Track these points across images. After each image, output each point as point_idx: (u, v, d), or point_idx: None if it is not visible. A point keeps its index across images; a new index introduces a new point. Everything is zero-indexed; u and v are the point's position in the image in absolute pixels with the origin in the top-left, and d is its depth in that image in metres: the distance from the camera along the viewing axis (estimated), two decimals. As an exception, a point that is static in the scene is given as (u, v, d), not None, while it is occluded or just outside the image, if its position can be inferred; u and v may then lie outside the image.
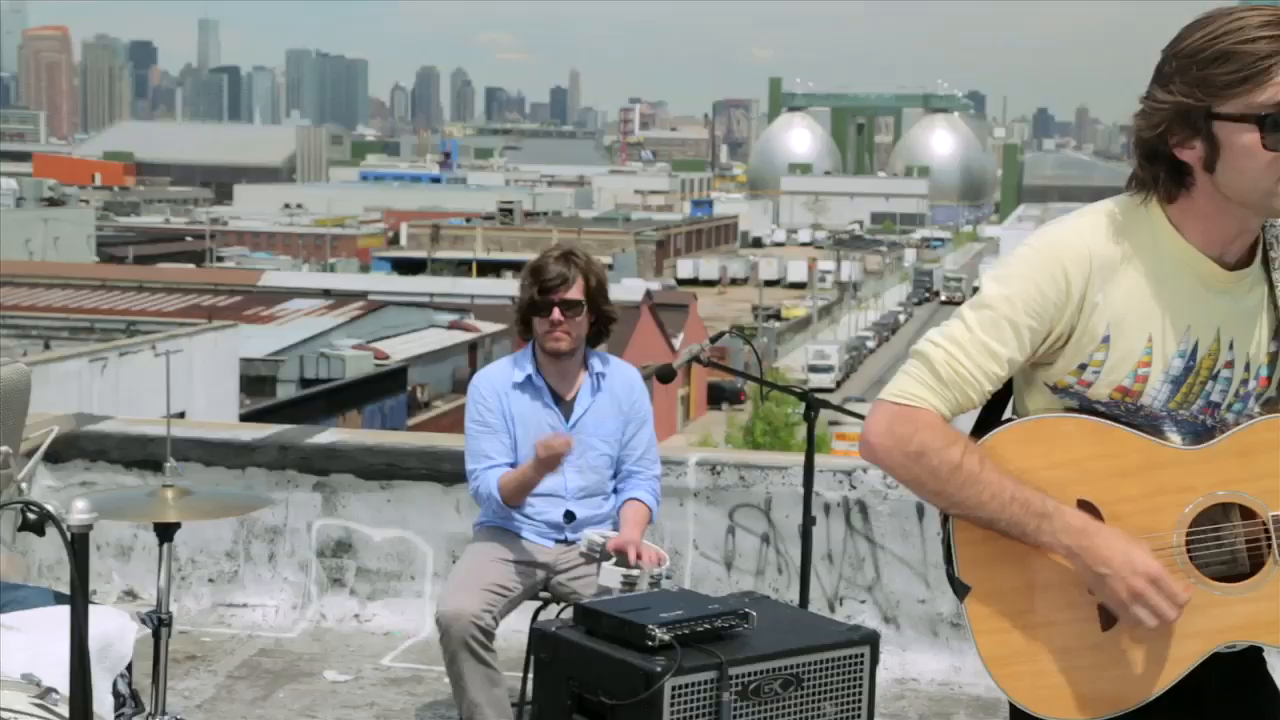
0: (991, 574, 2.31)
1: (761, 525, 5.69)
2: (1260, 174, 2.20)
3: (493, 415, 4.58)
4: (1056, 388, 2.35)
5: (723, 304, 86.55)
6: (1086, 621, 2.30)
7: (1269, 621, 2.30)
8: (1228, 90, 2.18)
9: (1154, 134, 2.26)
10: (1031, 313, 2.28)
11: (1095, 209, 2.36)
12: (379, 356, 40.51)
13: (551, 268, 4.55)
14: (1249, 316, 2.36)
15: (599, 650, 3.66)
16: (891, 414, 2.30)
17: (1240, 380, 2.37)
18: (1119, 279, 2.29)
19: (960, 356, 2.28)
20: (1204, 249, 2.31)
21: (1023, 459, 2.29)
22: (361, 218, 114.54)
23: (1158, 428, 2.34)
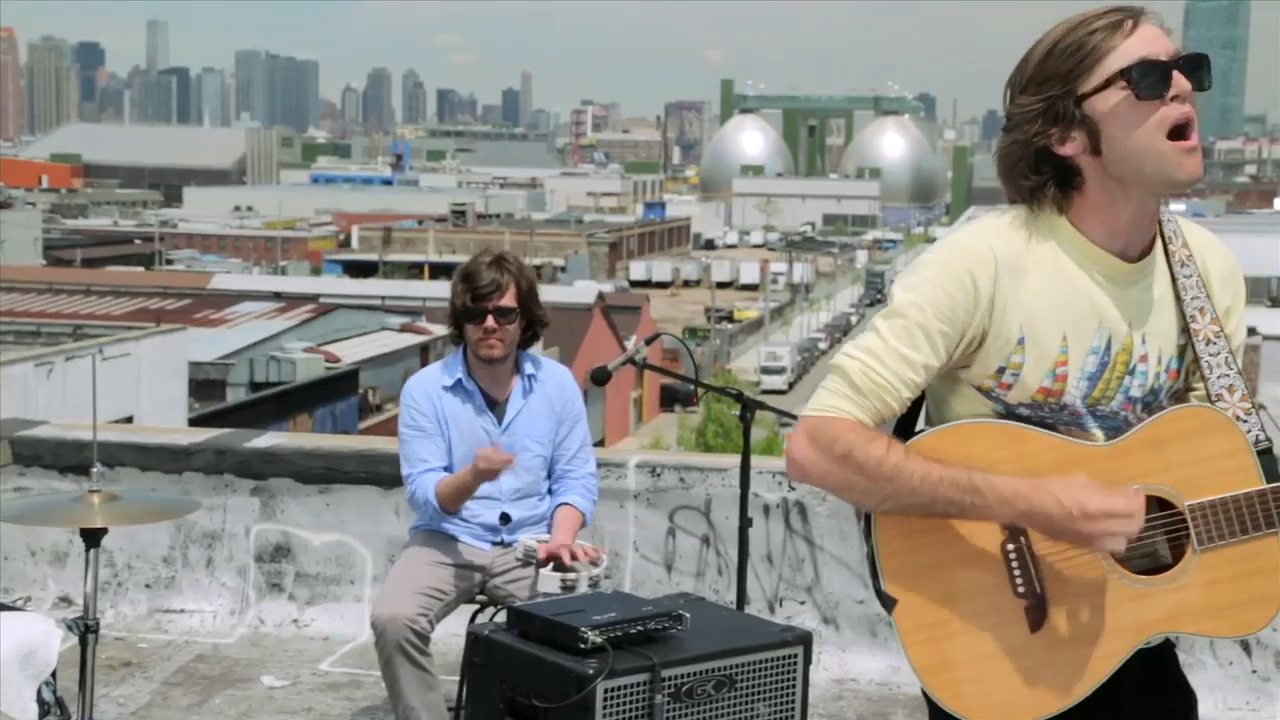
0: (916, 585, 2.33)
1: (701, 527, 5.69)
2: (1143, 133, 2.23)
3: (426, 420, 4.57)
4: (980, 390, 2.37)
5: (675, 306, 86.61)
6: (1014, 625, 2.31)
7: (1193, 611, 2.32)
8: (1085, 71, 2.25)
9: (1029, 138, 2.28)
10: (942, 318, 2.30)
11: (998, 214, 2.39)
12: (330, 359, 40.30)
13: (484, 274, 4.54)
14: (1155, 308, 2.38)
15: (531, 653, 3.65)
16: (812, 426, 2.32)
17: (1154, 374, 2.39)
18: (1026, 280, 2.31)
19: (876, 366, 2.30)
20: (1106, 244, 2.33)
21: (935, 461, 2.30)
22: (312, 220, 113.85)
23: (1081, 425, 2.36)
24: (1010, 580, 2.31)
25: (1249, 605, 2.33)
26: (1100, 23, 2.25)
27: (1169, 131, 2.24)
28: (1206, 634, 2.39)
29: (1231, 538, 2.30)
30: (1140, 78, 2.22)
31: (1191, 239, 2.43)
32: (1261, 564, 2.32)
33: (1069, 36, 2.26)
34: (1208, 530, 2.30)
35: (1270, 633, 5.17)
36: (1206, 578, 2.31)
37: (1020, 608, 2.31)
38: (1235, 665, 5.19)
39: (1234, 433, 2.32)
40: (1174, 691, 2.52)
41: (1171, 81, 2.23)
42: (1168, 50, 2.25)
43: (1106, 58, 2.24)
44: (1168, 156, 2.24)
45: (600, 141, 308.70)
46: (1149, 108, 2.23)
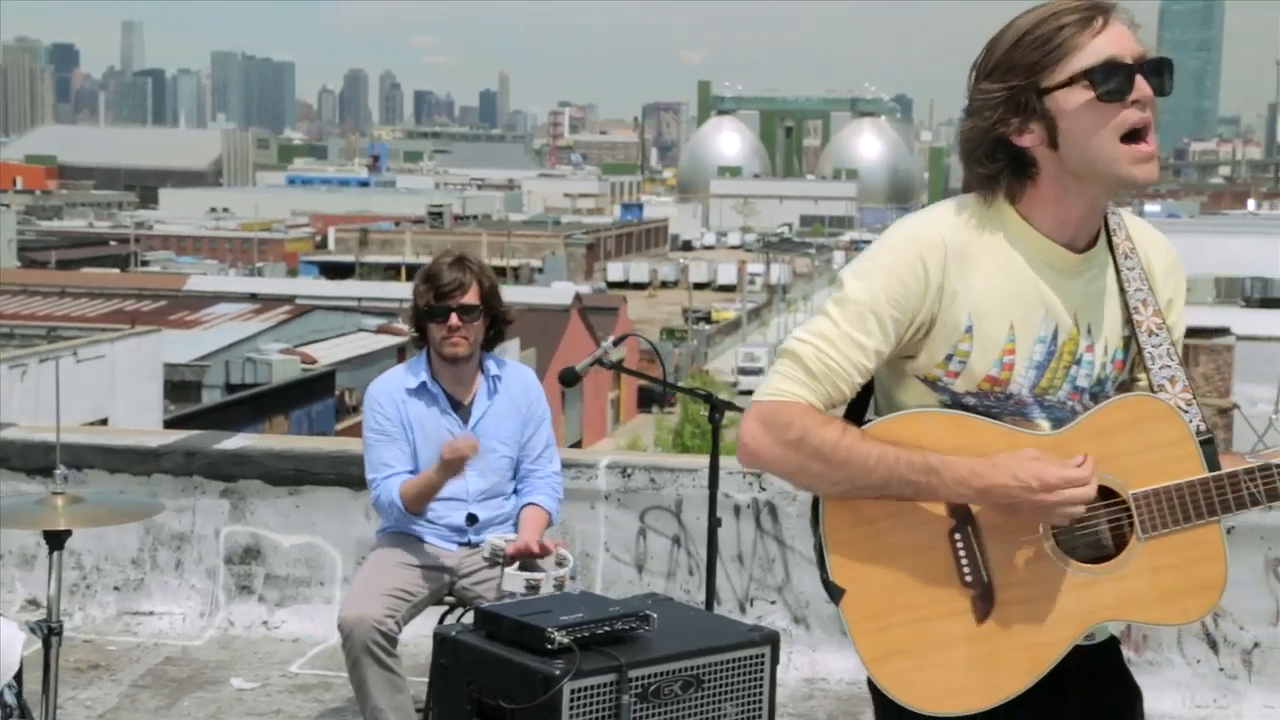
0: (864, 575, 2.33)
1: (672, 527, 5.69)
2: (1103, 134, 2.25)
3: (390, 423, 4.56)
4: (926, 380, 2.37)
5: (653, 307, 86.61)
6: (961, 615, 2.32)
7: (1137, 599, 2.34)
8: (1051, 65, 2.25)
9: (989, 124, 2.29)
10: (893, 303, 2.30)
11: (950, 202, 2.40)
12: (306, 361, 40.19)
13: (446, 273, 4.55)
14: (1101, 299, 2.40)
15: (498, 654, 3.65)
16: (765, 411, 2.31)
17: (1100, 364, 2.41)
18: (975, 268, 2.32)
19: (829, 350, 2.31)
20: (1055, 235, 2.35)
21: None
22: (289, 221, 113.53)
23: (1026, 414, 2.37)
24: (957, 570, 2.32)
25: (1191, 593, 2.35)
26: (1071, 17, 2.25)
27: (1126, 134, 2.25)
28: (1149, 622, 2.40)
29: (1175, 526, 2.32)
30: (1104, 79, 2.23)
31: (1135, 232, 2.45)
32: (1203, 552, 2.34)
33: (1039, 28, 2.26)
34: (1151, 518, 2.32)
35: (1238, 630, 5.20)
36: (1150, 565, 2.33)
37: (967, 597, 2.31)
38: (1203, 663, 5.21)
39: (1177, 422, 2.34)
40: (1119, 686, 2.54)
41: (1134, 86, 2.24)
42: (1133, 51, 2.26)
43: (1073, 54, 2.24)
44: (1122, 160, 2.26)
45: (577, 143, 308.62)
46: (1109, 110, 2.24)
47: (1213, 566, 2.34)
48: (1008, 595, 2.32)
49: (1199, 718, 5.14)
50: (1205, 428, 2.35)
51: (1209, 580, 2.35)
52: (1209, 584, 2.35)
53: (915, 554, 2.31)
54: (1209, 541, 2.34)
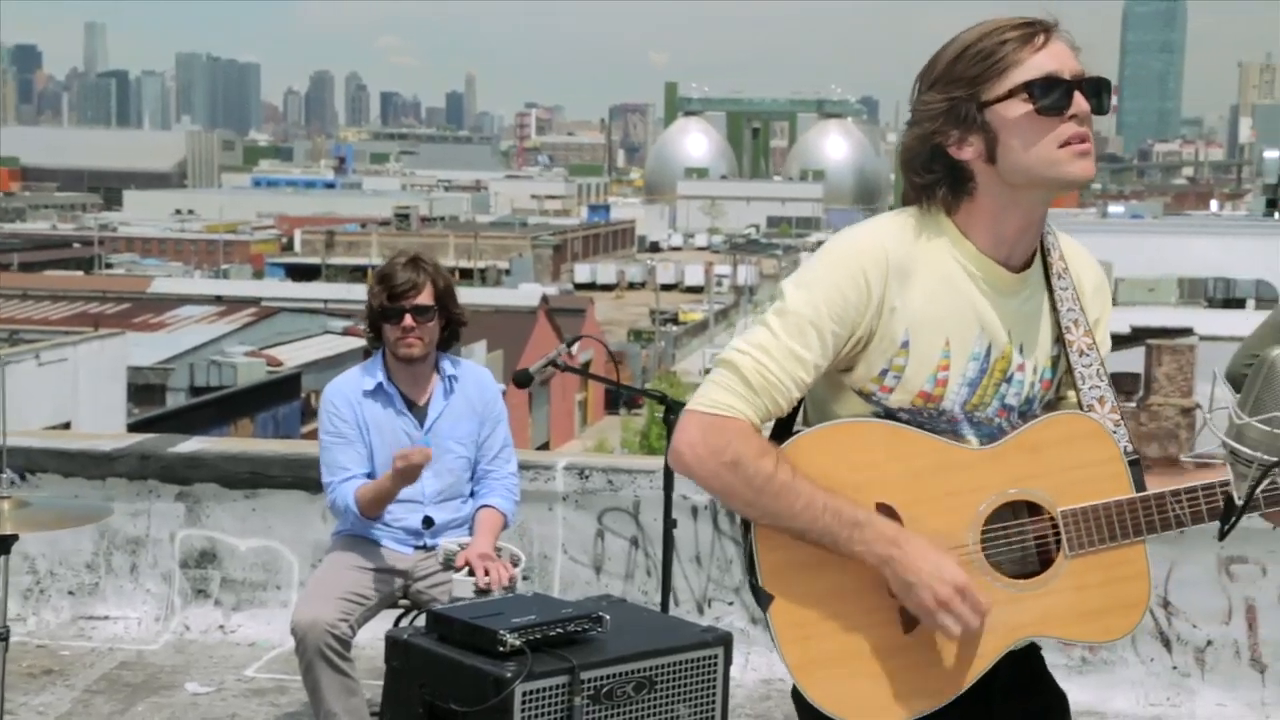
0: (794, 582, 2.32)
1: (630, 528, 5.69)
2: (1042, 144, 2.26)
3: (347, 426, 4.54)
4: (861, 393, 2.37)
5: (620, 308, 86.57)
6: (888, 625, 2.32)
7: (1061, 616, 2.34)
8: (992, 79, 2.27)
9: (928, 135, 2.31)
10: (834, 316, 2.30)
11: (890, 215, 2.40)
12: (272, 363, 40.00)
13: (400, 274, 4.54)
14: (1033, 319, 2.41)
15: (450, 657, 3.63)
16: (704, 424, 2.29)
17: (1030, 383, 2.42)
18: (915, 283, 2.32)
19: (768, 363, 2.29)
20: (991, 252, 2.35)
21: (822, 463, 2.30)
22: (254, 223, 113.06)
23: (957, 431, 2.38)
24: (886, 581, 2.31)
25: (1115, 611, 2.36)
26: (1013, 33, 2.27)
27: (1063, 143, 2.27)
28: (1073, 638, 2.41)
29: (1101, 544, 2.33)
30: (1043, 93, 2.24)
31: (1068, 252, 2.46)
32: (1128, 571, 2.35)
33: (981, 42, 2.28)
34: (1078, 536, 2.32)
35: (1191, 629, 5.23)
36: (1075, 583, 2.33)
37: (894, 608, 2.31)
38: (1156, 661, 5.25)
39: (1107, 441, 2.35)
40: (1043, 692, 2.55)
41: (1073, 101, 2.26)
42: (1073, 69, 2.27)
43: (1013, 69, 2.26)
44: (1060, 160, 2.27)
45: (544, 144, 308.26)
46: (1048, 124, 2.25)
47: (1136, 585, 2.36)
48: None
49: (1153, 716, 5.17)
50: (1133, 448, 2.37)
51: (1132, 599, 2.36)
52: (1132, 602, 2.36)
53: (844, 564, 2.30)
54: (1133, 560, 2.35)
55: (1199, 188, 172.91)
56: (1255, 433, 2.10)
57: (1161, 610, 5.24)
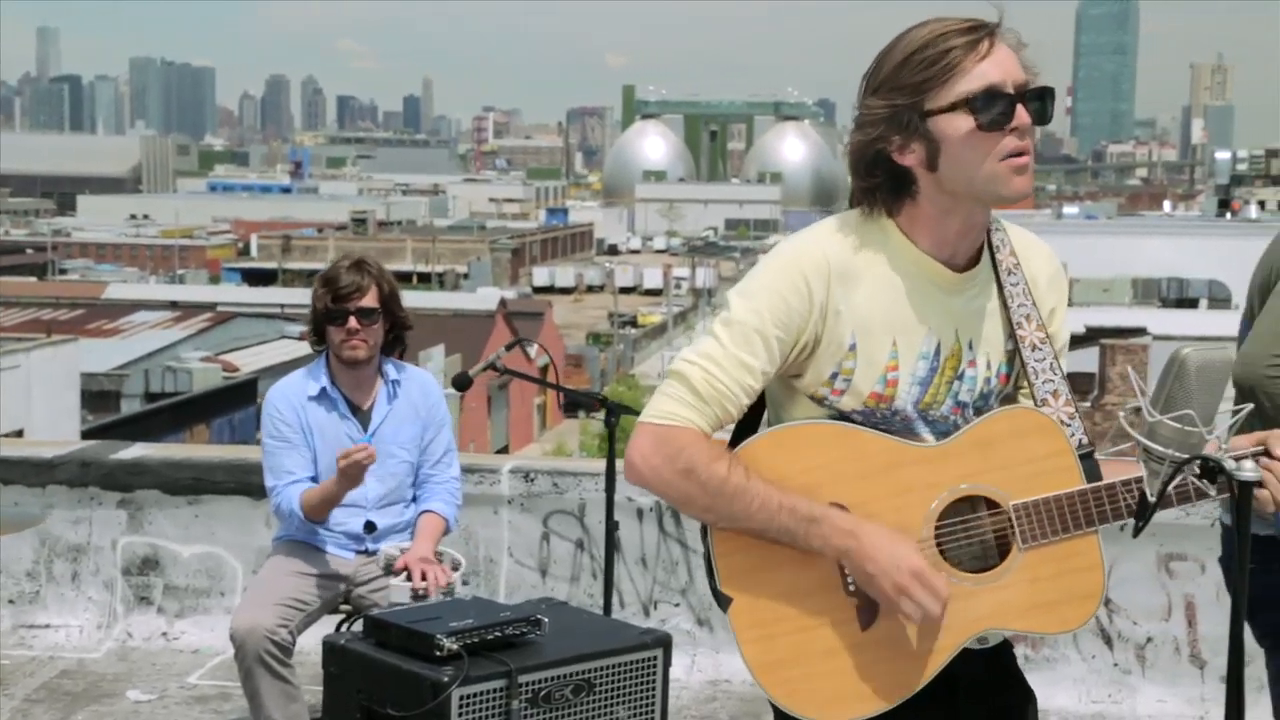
0: (752, 584, 2.34)
1: (576, 531, 5.69)
2: (981, 158, 2.27)
3: (290, 429, 4.52)
4: (814, 398, 2.39)
5: (578, 311, 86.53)
6: (846, 623, 2.34)
7: (1016, 608, 2.36)
8: (935, 87, 2.26)
9: (871, 140, 2.31)
10: (779, 323, 2.31)
11: (833, 220, 2.41)
12: (228, 369, 39.78)
13: (345, 276, 4.52)
14: (983, 316, 2.42)
15: (387, 662, 3.63)
16: (656, 435, 2.32)
17: (983, 379, 2.43)
18: (859, 286, 2.34)
19: (717, 372, 2.31)
20: (935, 253, 2.37)
21: (776, 466, 2.32)
22: (210, 228, 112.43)
23: (912, 429, 2.39)
24: (842, 579, 2.33)
25: (1069, 602, 2.37)
26: (958, 40, 2.26)
27: (1003, 157, 2.28)
28: (1029, 630, 2.42)
29: (1054, 536, 2.34)
30: (984, 108, 2.25)
31: (1018, 245, 2.47)
32: (1081, 562, 2.36)
33: (926, 49, 2.27)
34: (1031, 529, 2.34)
35: (1132, 626, 5.27)
36: (1030, 575, 2.35)
37: (851, 606, 2.33)
38: (1098, 659, 5.28)
39: (1058, 435, 2.36)
40: (1011, 689, 2.56)
41: (1014, 115, 2.26)
42: (1016, 78, 2.27)
43: (956, 79, 2.25)
44: (999, 176, 2.28)
45: (502, 148, 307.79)
46: (989, 138, 2.26)
47: (1090, 576, 2.37)
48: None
49: (1094, 713, 5.21)
50: (1086, 440, 2.38)
51: (1087, 590, 2.37)
52: (1087, 593, 2.37)
53: (801, 564, 2.32)
54: (1087, 552, 2.36)
55: (1152, 188, 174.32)
56: (1167, 430, 2.11)
57: (1103, 608, 5.27)
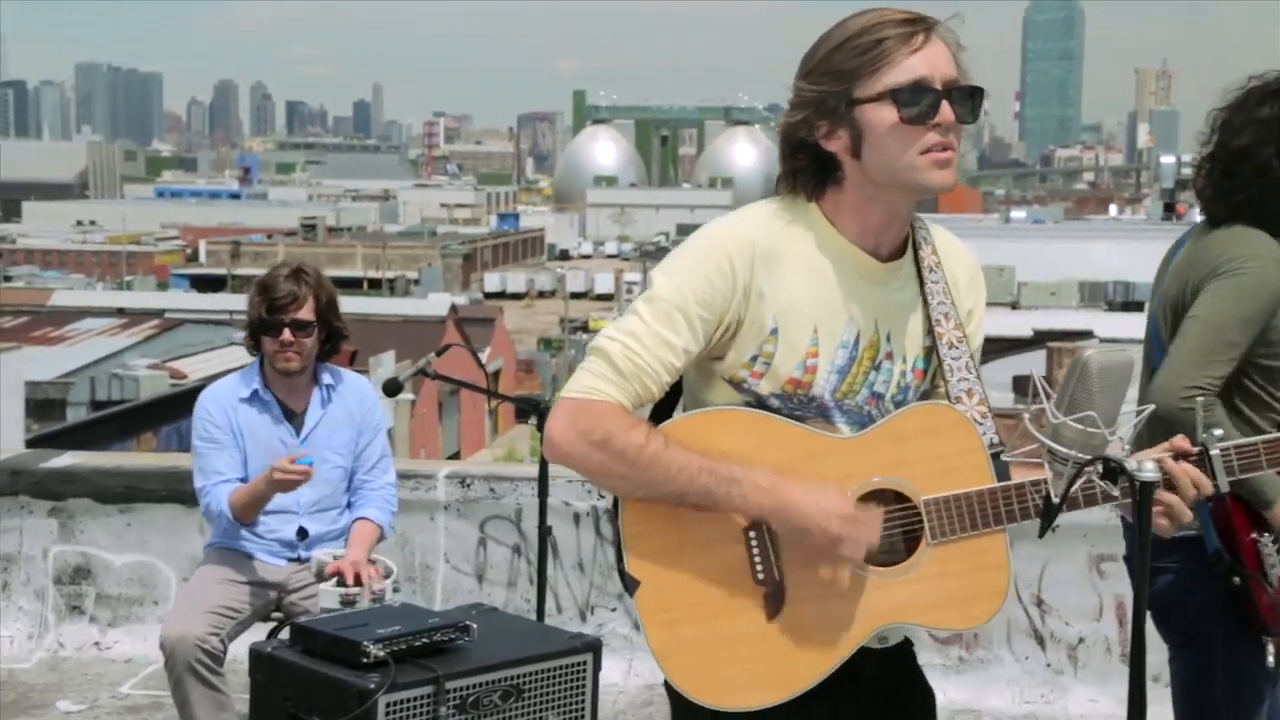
0: (660, 568, 2.34)
1: (513, 536, 5.68)
2: (902, 149, 2.28)
3: (220, 431, 4.49)
4: (732, 381, 2.39)
5: (530, 317, 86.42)
6: (752, 610, 2.34)
7: (922, 603, 2.37)
8: (865, 75, 2.28)
9: (799, 123, 2.33)
10: (701, 302, 2.31)
11: (760, 204, 2.42)
12: (175, 376, 39.44)
13: (281, 286, 4.49)
14: (904, 310, 2.43)
15: (313, 669, 3.61)
16: (572, 408, 2.31)
17: (900, 372, 2.44)
18: (783, 270, 2.34)
19: (638, 349, 2.31)
20: (859, 241, 2.38)
21: (692, 450, 2.31)
22: (158, 234, 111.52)
23: (828, 418, 2.40)
24: (750, 567, 2.33)
25: (975, 599, 2.39)
26: (894, 31, 2.27)
27: (924, 151, 2.29)
28: (934, 625, 2.44)
29: (963, 533, 2.36)
30: (909, 101, 2.26)
31: (940, 245, 2.49)
32: (989, 559, 2.38)
33: (862, 36, 2.28)
34: (941, 525, 2.35)
35: (1064, 626, 5.31)
36: (937, 571, 2.36)
37: (759, 594, 2.33)
38: (1031, 659, 5.32)
39: (970, 432, 2.38)
40: (913, 687, 2.58)
41: (939, 111, 2.27)
42: (945, 75, 2.28)
43: (887, 70, 2.26)
44: (919, 167, 2.29)
45: (453, 153, 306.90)
46: (912, 131, 2.27)
47: (996, 574, 2.38)
48: (798, 594, 2.34)
49: (1027, 713, 5.24)
50: (998, 439, 2.40)
51: (992, 588, 2.39)
52: (992, 591, 2.39)
53: (711, 549, 2.32)
54: (994, 550, 2.38)
55: (1099, 193, 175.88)
56: (1070, 432, 2.13)
57: (1035, 608, 5.32)
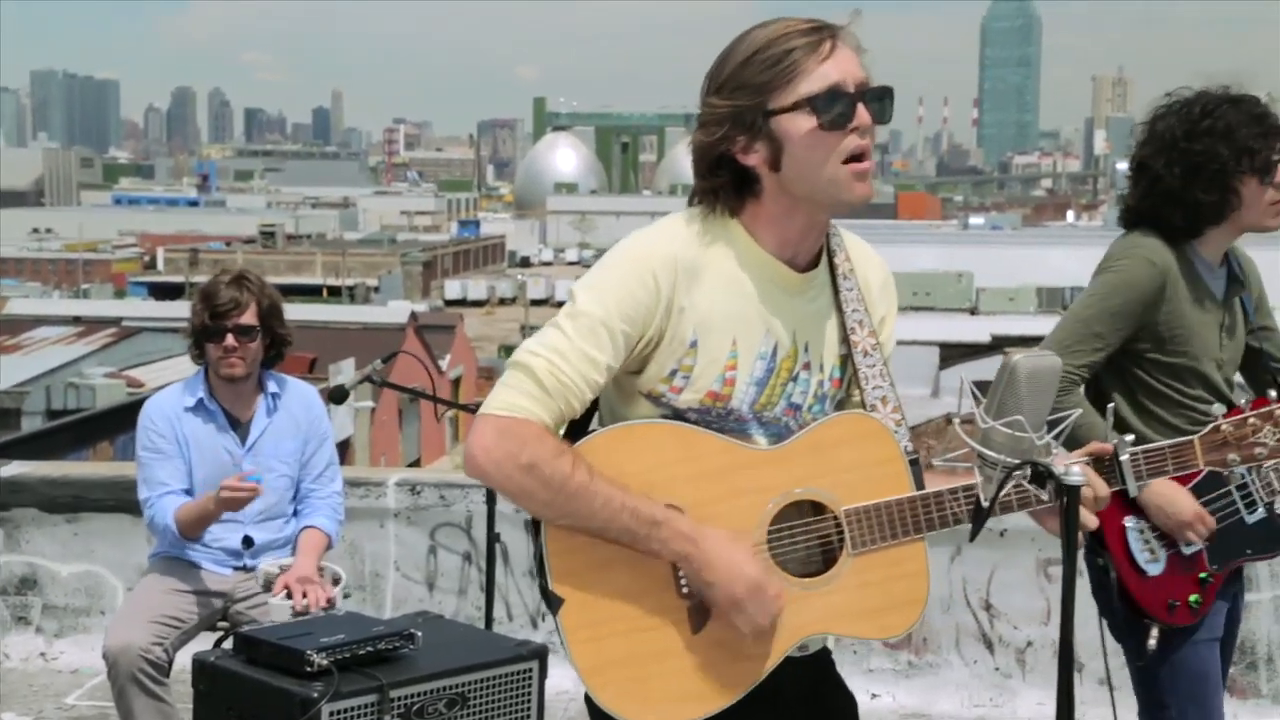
0: (583, 585, 2.32)
1: (463, 544, 5.67)
2: (823, 159, 2.28)
3: (165, 441, 4.47)
4: (650, 395, 2.38)
5: (490, 324, 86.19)
6: (677, 625, 2.34)
7: (843, 613, 2.38)
8: (778, 87, 2.28)
9: (714, 140, 2.32)
10: (625, 317, 2.30)
11: (679, 216, 2.42)
12: (132, 384, 39.14)
13: (224, 293, 4.47)
14: (819, 319, 2.44)
15: (257, 679, 3.58)
16: (498, 427, 2.27)
17: (817, 382, 2.44)
18: (703, 284, 2.34)
19: (562, 365, 2.29)
20: (777, 253, 2.38)
21: (613, 465, 2.31)
22: (116, 242, 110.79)
23: (745, 431, 2.40)
24: (674, 581, 2.33)
25: (895, 608, 2.40)
26: (801, 40, 2.28)
27: (846, 158, 2.30)
28: (855, 635, 2.45)
29: (882, 542, 2.37)
30: (825, 108, 2.26)
31: (853, 252, 2.50)
32: (908, 568, 2.39)
33: (769, 49, 2.28)
34: (861, 534, 2.36)
35: (1012, 630, 5.34)
36: (858, 580, 2.37)
37: (683, 609, 2.33)
38: (980, 663, 5.35)
39: (889, 441, 2.39)
40: (834, 694, 2.59)
41: (855, 114, 2.28)
42: (857, 78, 2.29)
43: (799, 80, 2.27)
44: (840, 181, 2.30)
45: (413, 160, 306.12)
46: (832, 137, 2.28)
47: (916, 583, 2.40)
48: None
49: (976, 717, 5.26)
50: (913, 448, 2.41)
51: (911, 596, 2.40)
52: (911, 600, 2.40)
53: (634, 565, 2.31)
54: (913, 558, 2.39)
55: (1057, 199, 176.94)
56: (999, 436, 2.15)
57: (984, 613, 5.34)
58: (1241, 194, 3.29)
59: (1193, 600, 3.30)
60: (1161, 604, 3.30)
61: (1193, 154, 3.27)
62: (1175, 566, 3.30)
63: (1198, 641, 3.34)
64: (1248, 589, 5.11)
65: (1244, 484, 3.32)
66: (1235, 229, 3.37)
